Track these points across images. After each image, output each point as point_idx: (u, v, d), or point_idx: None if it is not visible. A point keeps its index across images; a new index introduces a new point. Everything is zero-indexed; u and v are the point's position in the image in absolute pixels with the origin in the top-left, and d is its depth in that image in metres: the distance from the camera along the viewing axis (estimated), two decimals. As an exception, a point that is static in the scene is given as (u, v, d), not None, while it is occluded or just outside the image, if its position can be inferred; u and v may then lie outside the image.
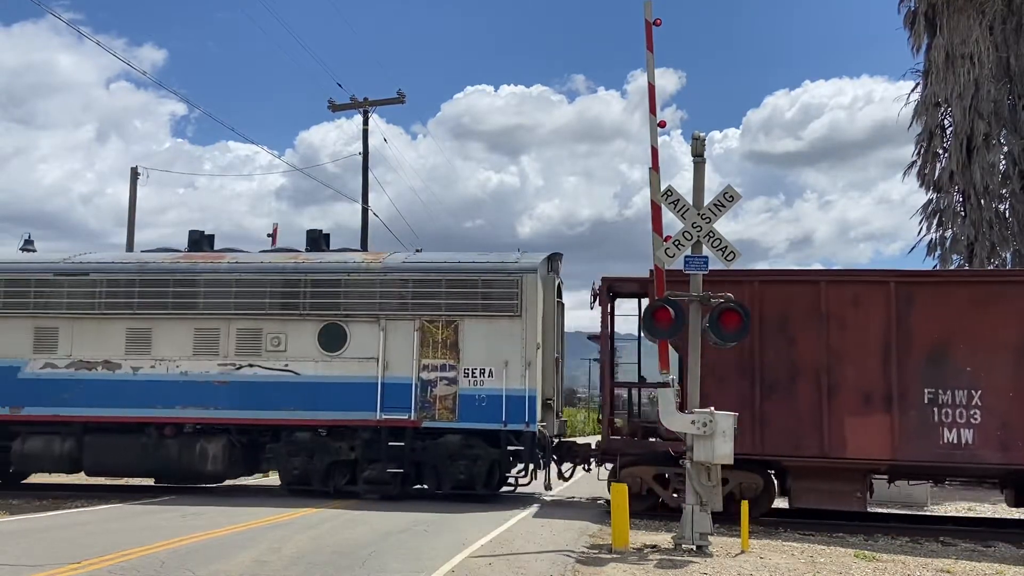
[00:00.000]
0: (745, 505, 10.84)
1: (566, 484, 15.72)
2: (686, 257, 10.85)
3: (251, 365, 14.88)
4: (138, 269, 15.39)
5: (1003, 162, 23.40)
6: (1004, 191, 23.40)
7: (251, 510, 12.77)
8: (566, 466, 15.17)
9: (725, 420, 10.35)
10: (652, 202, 10.99)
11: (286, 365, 14.79)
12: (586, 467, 15.14)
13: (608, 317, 14.44)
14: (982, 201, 23.24)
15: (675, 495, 13.03)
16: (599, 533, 11.48)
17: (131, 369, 15.03)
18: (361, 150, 33.12)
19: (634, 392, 15.24)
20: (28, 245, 17.13)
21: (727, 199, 10.93)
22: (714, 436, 10.29)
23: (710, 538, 10.40)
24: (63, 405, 14.97)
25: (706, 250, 10.87)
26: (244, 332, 15.03)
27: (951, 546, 11.83)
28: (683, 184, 11.19)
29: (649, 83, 10.99)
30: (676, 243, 10.85)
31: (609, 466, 14.09)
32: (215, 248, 16.50)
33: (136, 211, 27.33)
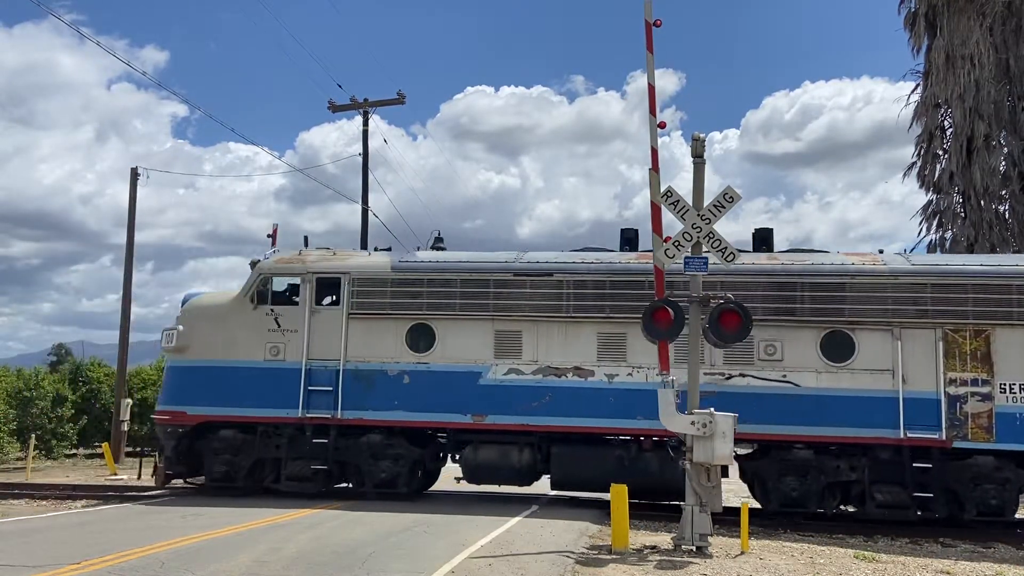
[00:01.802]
0: (745, 506, 10.85)
1: None
2: (686, 258, 10.86)
3: (742, 375, 13.59)
4: (608, 270, 14.13)
5: (1003, 163, 23.40)
6: (1004, 192, 23.41)
7: (252, 511, 12.76)
8: None
9: (725, 421, 10.36)
10: (652, 203, 11.00)
11: (784, 376, 13.48)
12: None
13: None
14: (982, 202, 23.25)
15: None
16: (599, 534, 11.48)
17: (605, 376, 13.83)
18: (361, 151, 33.18)
19: None
20: (439, 243, 16.05)
21: (727, 200, 10.93)
22: (714, 437, 10.31)
23: (710, 539, 10.41)
24: (529, 414, 13.87)
25: (706, 250, 10.88)
26: None
27: (951, 547, 11.85)
28: (683, 185, 11.21)
29: (649, 84, 11.00)
30: (676, 244, 10.86)
31: None
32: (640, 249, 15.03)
33: (136, 212, 27.28)
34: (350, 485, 15.09)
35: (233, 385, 14.61)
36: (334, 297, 14.90)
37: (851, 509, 13.75)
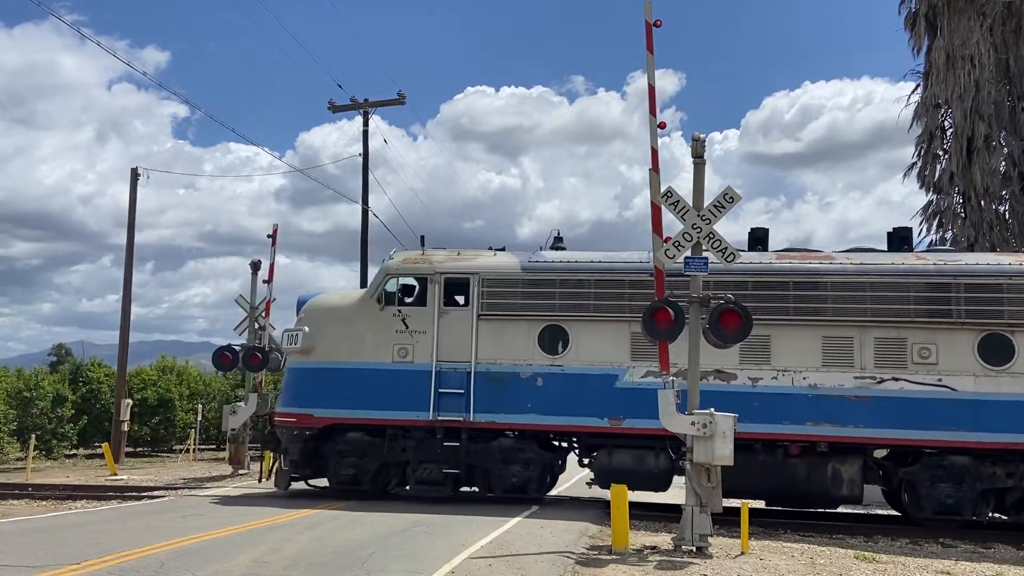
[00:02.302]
0: (745, 506, 10.84)
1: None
2: (686, 258, 10.86)
3: (895, 379, 13.19)
4: (750, 270, 13.75)
5: (1003, 164, 23.40)
6: (1004, 193, 23.39)
7: (251, 511, 12.77)
8: None
9: (725, 421, 10.36)
10: (652, 203, 10.99)
11: (939, 380, 13.11)
12: None
13: None
14: (982, 202, 23.23)
15: None
16: (599, 534, 11.48)
17: (749, 380, 13.57)
18: (361, 151, 33.19)
19: None
20: (558, 243, 15.65)
21: (727, 200, 10.92)
22: (714, 437, 10.30)
23: (710, 539, 10.41)
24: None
25: (706, 251, 10.88)
26: (883, 342, 13.38)
27: (951, 547, 11.85)
28: (683, 185, 11.21)
29: (649, 84, 11.00)
30: (676, 244, 10.85)
31: None
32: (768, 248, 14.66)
33: (136, 212, 27.29)
34: (475, 489, 14.81)
35: (360, 387, 14.37)
36: (461, 298, 14.66)
37: (1004, 517, 13.45)
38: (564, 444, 14.76)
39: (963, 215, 23.96)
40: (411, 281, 14.91)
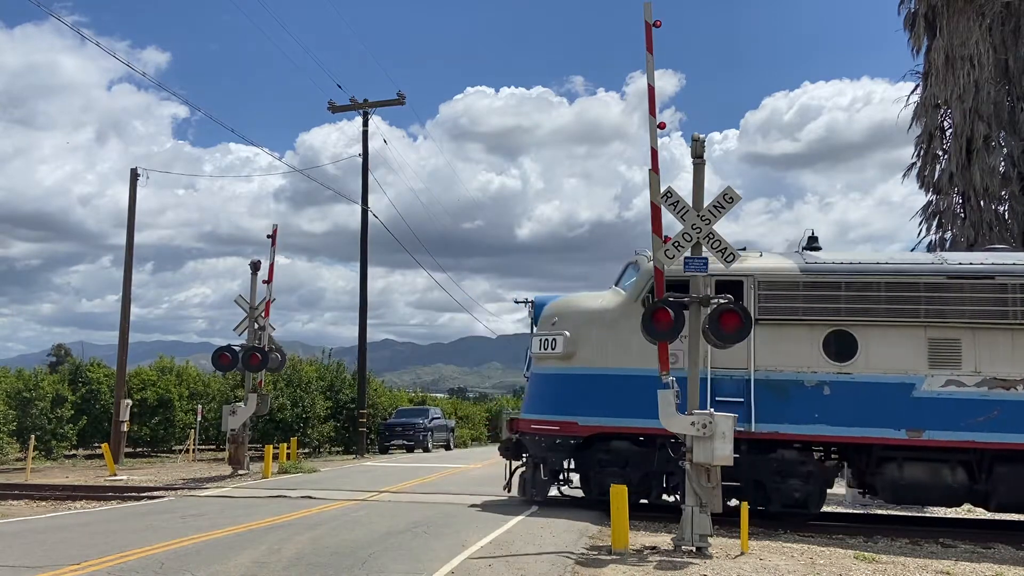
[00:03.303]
0: (745, 506, 10.84)
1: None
2: (686, 258, 10.86)
3: None
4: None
5: (1003, 164, 23.40)
6: (1004, 193, 23.39)
7: (251, 511, 12.77)
8: None
9: (724, 421, 10.37)
10: (652, 203, 11.00)
11: None
12: None
13: None
14: (982, 203, 23.24)
15: None
16: (599, 534, 11.49)
17: None
18: (361, 151, 33.18)
19: None
20: (813, 242, 15.02)
21: (727, 200, 10.92)
22: (714, 437, 10.31)
23: (710, 539, 10.41)
24: (972, 429, 12.69)
25: (706, 251, 10.88)
26: None
27: (951, 547, 11.85)
28: (683, 186, 11.21)
29: (649, 84, 11.00)
30: (676, 244, 10.85)
31: None
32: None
33: (136, 212, 27.29)
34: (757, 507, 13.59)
35: (627, 394, 13.53)
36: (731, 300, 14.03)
37: None
38: (836, 456, 13.96)
39: (962, 215, 23.97)
40: (675, 284, 13.89)
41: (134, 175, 27.01)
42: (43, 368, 35.38)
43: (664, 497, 14.01)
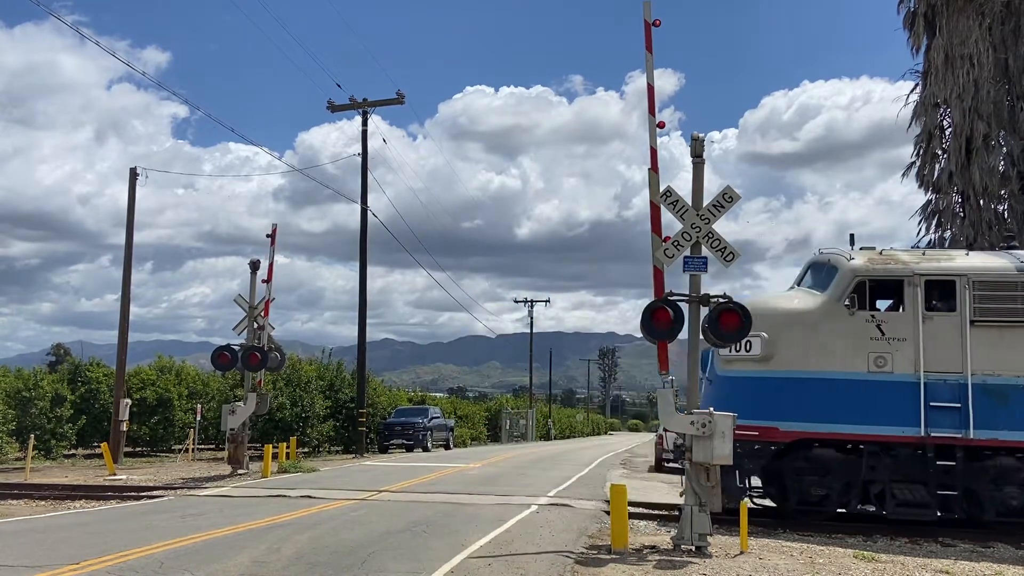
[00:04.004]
0: (744, 506, 10.84)
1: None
2: (685, 258, 10.85)
3: None
4: None
5: (1002, 163, 23.40)
6: (1003, 192, 23.39)
7: (251, 511, 12.77)
8: None
9: (724, 421, 10.36)
10: (651, 203, 10.99)
11: None
12: None
13: None
14: (981, 202, 23.24)
15: None
16: (598, 534, 11.48)
17: None
18: (360, 151, 33.17)
19: None
20: (1009, 240, 14.39)
21: (726, 200, 10.91)
22: (713, 437, 10.31)
23: (709, 539, 10.41)
24: None
25: (705, 251, 10.88)
26: None
27: (950, 547, 11.85)
28: (682, 185, 11.20)
29: (648, 84, 10.99)
30: (675, 244, 10.84)
31: None
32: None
33: (135, 212, 27.26)
34: (954, 515, 13.23)
35: (831, 399, 13.06)
36: (940, 302, 13.38)
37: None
38: None
39: (962, 214, 23.97)
40: (881, 284, 13.56)
41: (133, 174, 26.98)
42: (42, 367, 35.34)
43: (862, 507, 13.49)
